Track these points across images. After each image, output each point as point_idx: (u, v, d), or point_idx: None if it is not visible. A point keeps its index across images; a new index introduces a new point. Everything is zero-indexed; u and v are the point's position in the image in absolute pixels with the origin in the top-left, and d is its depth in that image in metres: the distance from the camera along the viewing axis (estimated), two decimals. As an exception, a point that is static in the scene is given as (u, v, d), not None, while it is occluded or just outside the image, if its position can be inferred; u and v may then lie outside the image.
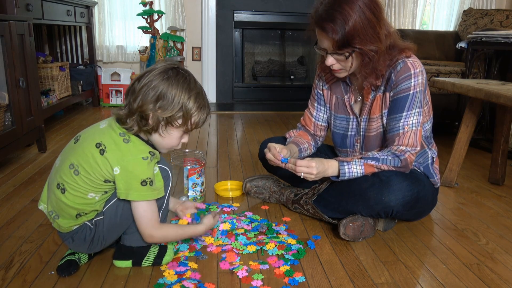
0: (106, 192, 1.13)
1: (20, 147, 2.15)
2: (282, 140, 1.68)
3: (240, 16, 3.82)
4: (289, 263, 1.25)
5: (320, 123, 1.64)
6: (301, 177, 1.36)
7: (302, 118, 1.69)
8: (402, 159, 1.36)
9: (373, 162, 1.37)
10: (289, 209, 1.63)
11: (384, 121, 1.43)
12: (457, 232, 1.52)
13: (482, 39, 2.57)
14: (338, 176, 1.38)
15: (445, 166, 1.99)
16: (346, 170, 1.36)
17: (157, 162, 1.16)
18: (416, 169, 1.51)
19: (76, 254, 1.20)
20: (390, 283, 1.18)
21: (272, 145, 1.45)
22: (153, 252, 1.22)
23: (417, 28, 4.09)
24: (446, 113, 2.98)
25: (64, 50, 3.68)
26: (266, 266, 1.23)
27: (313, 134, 1.66)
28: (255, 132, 2.96)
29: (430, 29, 4.15)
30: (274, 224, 1.51)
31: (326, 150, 1.74)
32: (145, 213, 1.12)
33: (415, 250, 1.37)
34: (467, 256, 1.34)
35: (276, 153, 1.42)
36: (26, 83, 2.14)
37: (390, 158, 1.37)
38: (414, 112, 1.35)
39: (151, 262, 1.21)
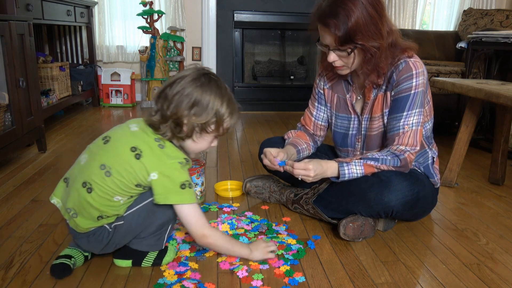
0: (131, 197, 1.13)
1: (20, 147, 2.15)
2: (282, 140, 1.68)
3: (240, 16, 3.82)
4: (289, 263, 1.25)
5: (320, 122, 1.64)
6: (299, 179, 1.37)
7: (302, 117, 1.68)
8: (402, 158, 1.36)
9: (372, 163, 1.37)
10: (289, 209, 1.63)
11: (385, 121, 1.43)
12: (457, 232, 1.52)
13: (482, 39, 2.57)
14: (338, 177, 1.38)
15: (445, 166, 1.99)
16: (346, 171, 1.36)
17: None
18: (416, 169, 1.51)
19: (72, 259, 1.17)
20: (390, 283, 1.18)
21: (267, 150, 1.44)
22: (153, 253, 1.22)
23: (417, 28, 4.09)
24: (446, 113, 2.98)
25: (64, 50, 3.68)
26: (266, 266, 1.23)
27: (312, 134, 1.66)
28: (255, 132, 2.96)
29: (430, 29, 4.15)
30: (274, 224, 1.51)
31: (327, 150, 1.74)
32: (191, 214, 1.12)
33: (415, 250, 1.37)
34: (467, 256, 1.34)
35: (272, 158, 1.42)
36: (26, 83, 2.14)
37: (389, 158, 1.37)
38: (415, 112, 1.35)
39: (151, 263, 1.21)
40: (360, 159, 1.37)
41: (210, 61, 3.88)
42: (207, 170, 2.07)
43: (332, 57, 1.34)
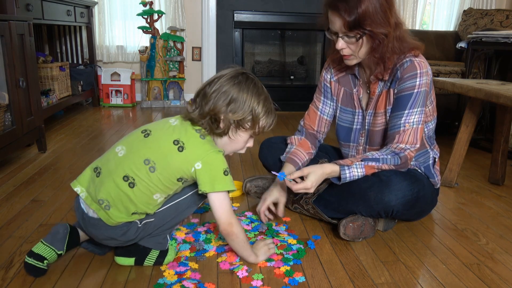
0: (167, 196, 1.15)
1: (20, 147, 2.15)
2: (282, 140, 1.68)
3: (240, 16, 3.81)
4: (289, 263, 1.25)
5: (326, 117, 1.62)
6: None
7: (306, 113, 1.65)
8: (402, 156, 1.36)
9: (374, 163, 1.36)
10: (289, 209, 1.63)
11: (388, 118, 1.43)
12: (457, 232, 1.52)
13: (482, 39, 2.57)
14: (339, 179, 1.38)
15: (445, 166, 1.99)
16: (348, 175, 1.36)
17: None
18: (417, 169, 1.51)
19: (44, 261, 1.14)
20: (390, 283, 1.18)
21: (261, 211, 1.50)
22: (155, 251, 1.22)
23: (417, 28, 4.09)
24: (446, 113, 2.98)
25: (64, 50, 3.68)
26: (272, 263, 1.24)
27: (315, 133, 1.63)
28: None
29: (430, 29, 4.15)
30: (274, 224, 1.51)
31: (327, 150, 1.73)
32: (225, 201, 1.14)
33: (415, 250, 1.37)
34: (467, 256, 1.34)
35: (262, 213, 1.50)
36: (26, 83, 2.14)
37: (389, 157, 1.37)
38: (416, 111, 1.36)
39: (153, 261, 1.21)
40: (362, 160, 1.37)
41: (210, 61, 3.88)
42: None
43: (341, 44, 1.33)
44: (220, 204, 1.14)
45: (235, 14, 3.80)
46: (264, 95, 1.17)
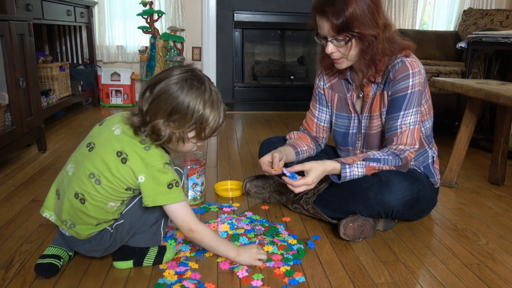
0: (123, 202, 1.14)
1: (20, 147, 2.15)
2: (282, 140, 1.68)
3: (240, 16, 3.81)
4: (289, 263, 1.25)
5: (323, 124, 1.64)
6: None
7: (304, 120, 1.68)
8: (402, 157, 1.37)
9: (374, 164, 1.36)
10: (289, 209, 1.63)
11: (383, 120, 1.43)
12: (457, 232, 1.52)
13: (482, 39, 2.57)
14: (339, 177, 1.38)
15: (445, 166, 1.99)
16: (348, 174, 1.36)
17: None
18: (416, 168, 1.52)
19: (61, 260, 1.17)
20: (390, 283, 1.18)
21: (261, 161, 1.44)
22: (153, 251, 1.22)
23: (417, 28, 4.08)
24: (446, 113, 2.98)
25: (64, 50, 3.68)
26: (272, 263, 1.24)
27: (315, 137, 1.65)
28: (255, 132, 2.96)
29: (430, 29, 4.15)
30: (278, 224, 1.51)
31: (328, 150, 1.74)
32: (178, 211, 1.12)
33: (415, 250, 1.37)
34: (467, 256, 1.34)
35: (267, 168, 1.42)
36: (26, 83, 2.14)
37: (391, 158, 1.37)
38: (412, 112, 1.36)
39: (152, 261, 1.21)
40: (363, 160, 1.37)
41: (210, 61, 3.88)
42: (207, 170, 2.07)
43: (330, 48, 1.34)
44: (175, 214, 1.12)
45: (235, 14, 3.80)
46: (211, 101, 1.07)
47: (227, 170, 2.11)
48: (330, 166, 1.36)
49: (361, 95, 1.49)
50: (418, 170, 1.51)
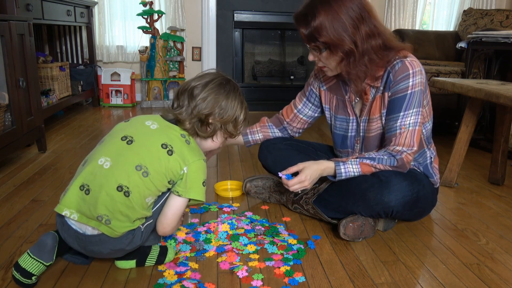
0: (156, 197, 1.15)
1: (20, 147, 2.15)
2: (282, 141, 1.69)
3: (240, 16, 3.81)
4: (289, 263, 1.25)
5: (301, 116, 1.68)
6: (299, 192, 1.44)
7: (285, 107, 1.73)
8: (398, 158, 1.36)
9: (368, 161, 1.37)
10: (289, 209, 1.63)
11: (383, 122, 1.43)
12: (457, 232, 1.52)
13: (482, 39, 2.57)
14: (335, 176, 1.38)
15: (445, 166, 1.99)
16: (343, 170, 1.37)
17: None
18: (416, 168, 1.51)
19: (34, 277, 1.08)
20: (390, 283, 1.18)
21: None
22: (155, 251, 1.22)
23: (417, 28, 4.09)
24: (446, 113, 2.98)
25: (64, 50, 3.68)
26: (272, 263, 1.24)
27: (286, 124, 1.71)
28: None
29: (430, 29, 4.15)
30: (279, 224, 1.51)
31: (327, 151, 1.74)
32: (182, 207, 1.17)
33: (415, 250, 1.37)
34: (467, 256, 1.34)
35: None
36: (26, 83, 2.14)
37: (386, 157, 1.37)
38: (412, 112, 1.35)
39: (155, 261, 1.22)
40: (357, 158, 1.38)
41: (210, 61, 3.88)
42: (207, 170, 2.07)
43: (311, 57, 1.39)
44: (177, 208, 1.16)
45: (235, 14, 3.80)
46: (245, 104, 1.26)
47: (227, 170, 2.11)
48: (323, 165, 1.39)
49: (357, 100, 1.49)
50: (418, 170, 1.51)
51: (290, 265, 1.24)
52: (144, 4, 3.62)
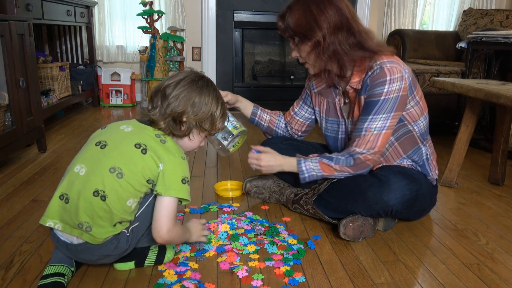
0: (139, 200, 1.13)
1: (20, 147, 2.15)
2: (282, 141, 1.70)
3: (240, 16, 3.81)
4: (289, 263, 1.25)
5: (298, 118, 1.72)
6: (253, 168, 1.53)
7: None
8: (356, 158, 1.40)
9: (326, 161, 1.43)
10: (289, 209, 1.63)
11: None
12: (457, 232, 1.52)
13: (482, 39, 2.57)
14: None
15: (445, 166, 1.99)
16: (303, 167, 1.45)
17: None
18: (414, 168, 1.52)
19: (65, 277, 1.10)
20: (390, 283, 1.18)
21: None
22: (154, 251, 1.22)
23: (417, 28, 4.08)
24: (446, 113, 2.98)
25: (64, 50, 3.68)
26: (272, 263, 1.24)
27: (288, 122, 1.75)
28: (255, 132, 2.96)
29: (430, 29, 4.15)
30: (278, 224, 1.51)
31: (318, 148, 1.75)
32: (170, 208, 1.12)
33: (415, 250, 1.37)
34: (467, 256, 1.34)
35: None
36: (26, 83, 2.14)
37: (343, 158, 1.42)
38: (381, 117, 1.36)
39: (154, 261, 1.21)
40: (318, 156, 1.46)
41: (210, 61, 3.88)
42: (207, 170, 2.07)
43: (292, 52, 1.45)
44: (166, 209, 1.11)
45: (235, 14, 3.80)
46: (222, 100, 1.23)
47: (227, 170, 2.11)
48: (288, 159, 1.49)
49: (347, 101, 1.52)
50: (416, 170, 1.51)
51: (290, 265, 1.24)
52: (144, 4, 3.62)
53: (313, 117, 1.70)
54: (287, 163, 1.49)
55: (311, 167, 1.44)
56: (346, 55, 1.37)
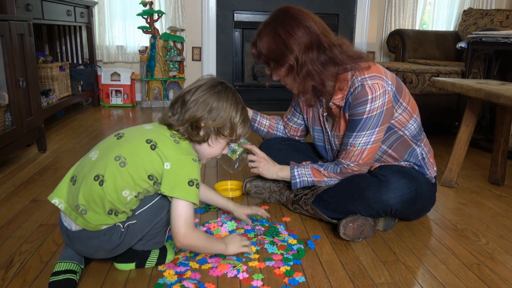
0: (138, 194, 1.11)
1: (20, 147, 2.15)
2: (281, 142, 1.70)
3: (240, 16, 3.81)
4: (289, 263, 1.25)
5: (291, 124, 1.74)
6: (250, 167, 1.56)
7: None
8: (341, 167, 1.45)
9: (316, 167, 1.49)
10: (289, 209, 1.63)
11: None
12: (457, 232, 1.52)
13: (482, 39, 2.57)
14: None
15: (445, 166, 1.99)
16: (296, 173, 1.50)
17: None
18: (411, 168, 1.52)
19: (76, 274, 1.12)
20: (390, 283, 1.18)
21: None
22: (155, 253, 1.22)
23: (417, 28, 4.09)
24: (446, 113, 2.98)
25: (64, 50, 3.68)
26: (272, 263, 1.24)
27: (284, 122, 1.77)
28: (255, 132, 2.96)
29: (430, 29, 4.15)
30: (278, 224, 1.51)
31: (311, 152, 1.74)
32: (184, 211, 1.10)
33: (415, 250, 1.37)
34: (467, 256, 1.34)
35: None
36: (26, 83, 2.14)
37: (332, 165, 1.48)
38: (365, 134, 1.38)
39: (155, 263, 1.21)
40: (310, 164, 1.52)
41: (210, 61, 3.88)
42: (207, 170, 2.07)
43: (273, 76, 1.46)
44: (179, 213, 1.09)
45: (235, 14, 3.80)
46: (242, 105, 1.21)
47: (227, 170, 2.11)
48: (283, 166, 1.55)
49: (325, 114, 1.54)
50: (415, 169, 1.51)
51: (290, 265, 1.24)
52: (144, 4, 3.62)
53: (304, 123, 1.72)
54: (281, 170, 1.55)
55: (303, 172, 1.50)
56: (319, 74, 1.37)
